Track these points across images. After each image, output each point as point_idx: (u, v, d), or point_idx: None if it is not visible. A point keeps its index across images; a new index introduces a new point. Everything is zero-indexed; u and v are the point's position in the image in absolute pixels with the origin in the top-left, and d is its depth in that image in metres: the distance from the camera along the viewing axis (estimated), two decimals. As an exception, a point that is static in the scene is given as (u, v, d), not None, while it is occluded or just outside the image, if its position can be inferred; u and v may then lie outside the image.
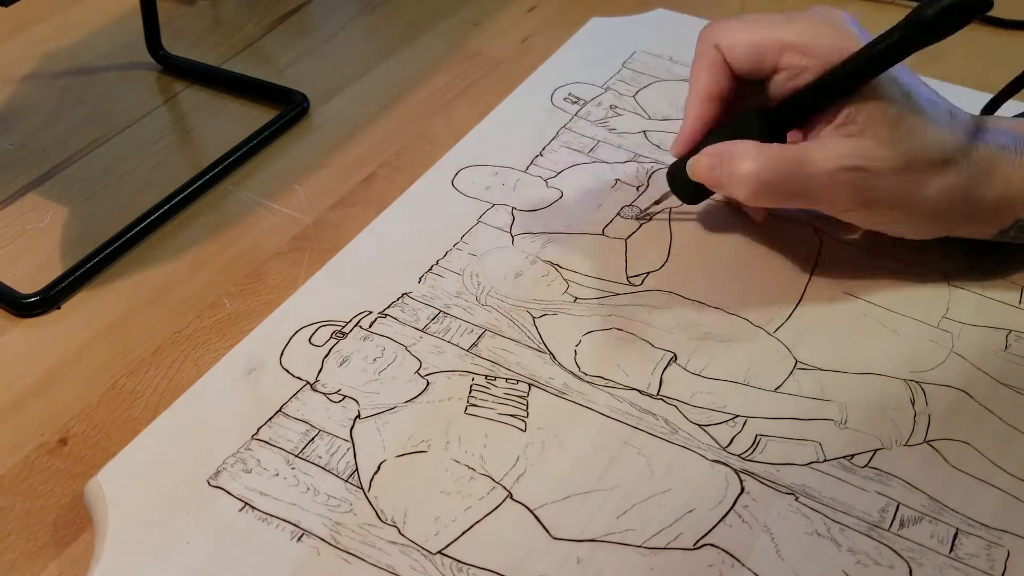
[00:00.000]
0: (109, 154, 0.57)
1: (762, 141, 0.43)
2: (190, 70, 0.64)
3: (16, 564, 0.37)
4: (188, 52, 0.65)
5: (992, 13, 0.64)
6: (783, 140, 0.44)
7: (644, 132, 0.56)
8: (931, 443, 0.40)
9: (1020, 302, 0.46)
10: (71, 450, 0.41)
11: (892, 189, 0.42)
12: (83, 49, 0.66)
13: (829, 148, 0.41)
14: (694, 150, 0.45)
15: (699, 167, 0.44)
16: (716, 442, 0.40)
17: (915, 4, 0.66)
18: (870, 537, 0.36)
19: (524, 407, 0.41)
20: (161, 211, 0.52)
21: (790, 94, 0.43)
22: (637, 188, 0.52)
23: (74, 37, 0.67)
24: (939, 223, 0.44)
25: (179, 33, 0.68)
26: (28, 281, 0.48)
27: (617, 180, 0.52)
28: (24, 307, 0.47)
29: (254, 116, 0.60)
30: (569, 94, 0.59)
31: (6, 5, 0.49)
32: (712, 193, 0.47)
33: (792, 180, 0.42)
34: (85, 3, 0.70)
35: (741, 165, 0.42)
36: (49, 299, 0.47)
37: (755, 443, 0.40)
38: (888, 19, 0.66)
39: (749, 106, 0.45)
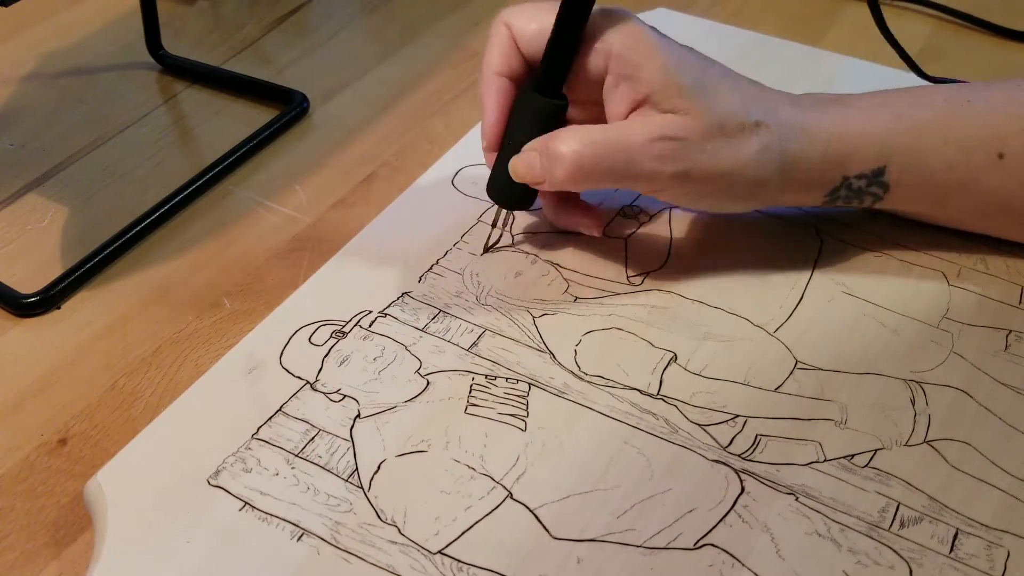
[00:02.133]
0: (109, 154, 0.57)
1: (541, 116, 0.43)
2: (190, 70, 0.64)
3: (16, 564, 0.37)
4: (188, 52, 0.65)
5: (998, 22, 0.65)
6: (563, 109, 0.44)
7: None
8: (931, 443, 0.40)
9: (1020, 302, 0.46)
10: (71, 450, 0.41)
11: (708, 156, 0.42)
12: (83, 49, 0.66)
13: (642, 123, 0.42)
14: (500, 153, 0.45)
15: (520, 165, 0.43)
16: (716, 442, 0.40)
17: (914, 5, 0.67)
18: (870, 537, 0.36)
19: (524, 407, 0.41)
20: (161, 211, 0.52)
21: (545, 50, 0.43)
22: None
23: (74, 37, 0.67)
24: (762, 190, 0.44)
25: (179, 33, 0.68)
26: (28, 281, 0.48)
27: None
28: (24, 307, 0.47)
29: (254, 116, 0.60)
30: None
31: (6, 5, 0.50)
32: (535, 196, 0.46)
33: (611, 156, 0.41)
34: (85, 3, 0.70)
35: (560, 148, 0.41)
36: (49, 299, 0.47)
37: (755, 443, 0.40)
38: (888, 19, 0.66)
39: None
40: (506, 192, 0.45)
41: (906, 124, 0.44)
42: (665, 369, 0.42)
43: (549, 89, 0.43)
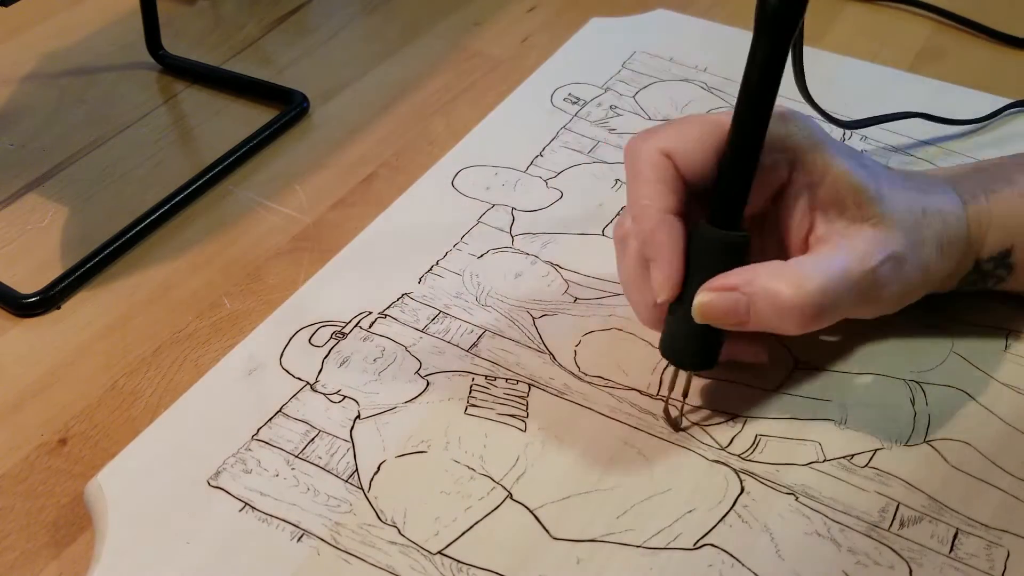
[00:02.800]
0: (109, 154, 0.57)
1: (726, 254, 0.37)
2: (190, 70, 0.64)
3: (16, 564, 0.37)
4: (188, 52, 0.65)
5: (996, 25, 0.64)
6: (747, 243, 0.38)
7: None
8: (931, 443, 0.40)
9: (1021, 303, 0.46)
10: (71, 450, 0.41)
11: (915, 260, 0.38)
12: (83, 49, 0.66)
13: (851, 246, 0.37)
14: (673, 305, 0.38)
15: (714, 308, 0.36)
16: (716, 442, 0.40)
17: (916, 4, 0.67)
18: (870, 537, 0.36)
19: (524, 407, 0.41)
20: (161, 211, 0.52)
21: (716, 175, 0.37)
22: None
23: (74, 37, 0.67)
24: (944, 280, 0.41)
25: (179, 33, 0.67)
26: (28, 281, 0.48)
27: (617, 180, 0.52)
28: (24, 307, 0.47)
29: (254, 116, 0.60)
30: (569, 94, 0.59)
31: (6, 5, 0.49)
32: (720, 348, 0.39)
33: (843, 292, 0.36)
34: (85, 3, 0.70)
35: (782, 292, 0.35)
36: (49, 299, 0.47)
37: (755, 443, 0.40)
38: (886, 20, 0.66)
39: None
40: (690, 350, 0.39)
41: None
42: (665, 369, 0.42)
43: (730, 221, 0.37)
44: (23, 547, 0.38)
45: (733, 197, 0.37)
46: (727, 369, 0.42)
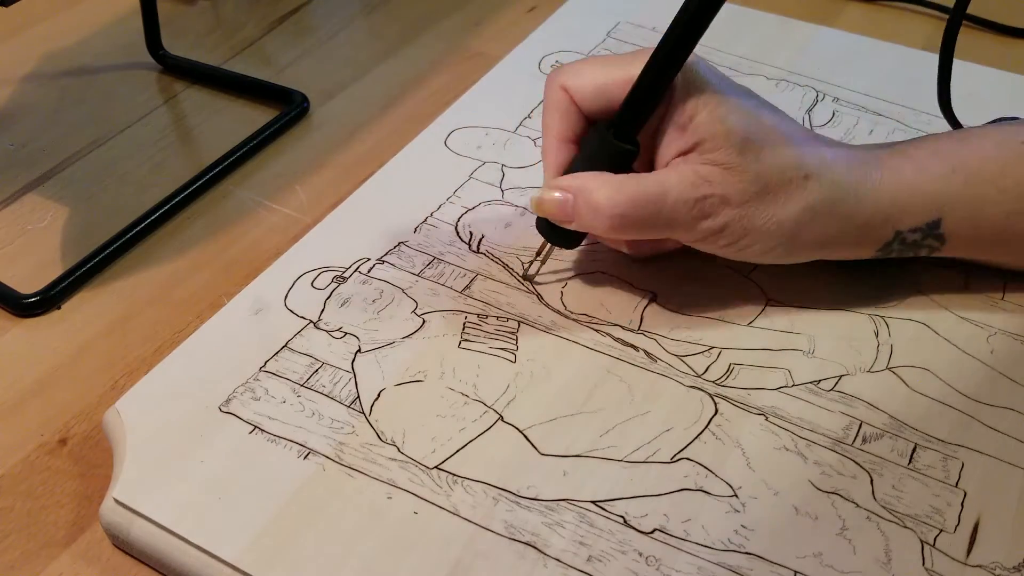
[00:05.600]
0: (109, 154, 0.57)
1: (611, 159, 0.42)
2: (190, 70, 0.64)
3: (16, 564, 0.38)
4: (188, 52, 0.65)
5: (1000, 20, 0.66)
6: (633, 155, 0.42)
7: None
8: (893, 370, 0.43)
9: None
10: (71, 450, 0.41)
11: (745, 213, 0.41)
12: (83, 49, 0.66)
13: (683, 175, 0.40)
14: None
15: (547, 203, 0.42)
16: (692, 370, 0.42)
17: (916, 2, 0.69)
18: (834, 451, 0.39)
19: (514, 341, 0.44)
20: (161, 211, 0.52)
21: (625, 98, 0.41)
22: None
23: (74, 37, 0.67)
24: (808, 244, 0.42)
25: (179, 33, 0.68)
26: (28, 281, 0.48)
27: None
28: (24, 307, 0.47)
29: (254, 116, 0.60)
30: (556, 61, 0.61)
31: (6, 5, 0.50)
32: (585, 235, 0.45)
33: (651, 210, 0.40)
34: (85, 3, 0.70)
35: (598, 199, 0.40)
36: (49, 299, 0.48)
37: (729, 370, 0.42)
38: (887, 20, 0.67)
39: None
40: (556, 229, 0.44)
41: (960, 176, 0.42)
42: (646, 308, 0.45)
43: (625, 133, 0.42)
44: (23, 547, 0.38)
45: (635, 115, 0.41)
46: (704, 307, 0.45)
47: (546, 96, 0.44)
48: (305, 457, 0.39)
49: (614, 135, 0.42)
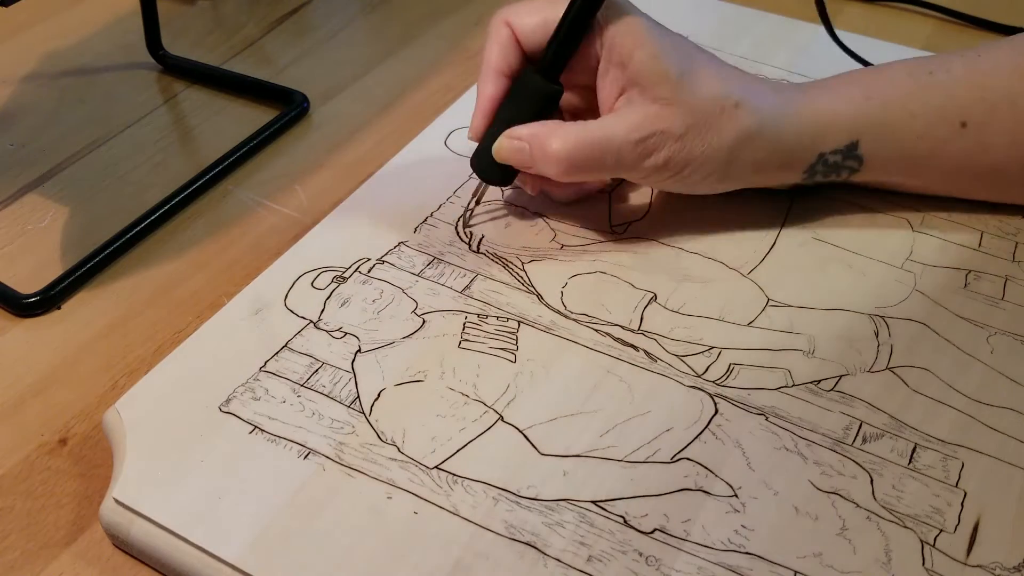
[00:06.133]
0: (109, 154, 0.57)
1: (540, 99, 0.45)
2: (190, 70, 0.64)
3: (16, 564, 0.38)
4: (188, 52, 0.65)
5: (994, 19, 0.66)
6: (558, 95, 0.46)
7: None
8: (893, 370, 0.43)
9: (979, 245, 0.49)
10: (71, 450, 0.41)
11: (686, 144, 0.44)
12: (83, 49, 0.66)
13: (626, 118, 0.44)
14: (491, 128, 0.46)
15: (505, 150, 0.45)
16: (692, 370, 0.42)
17: (916, 3, 0.69)
18: (834, 451, 0.39)
19: (514, 341, 0.44)
20: (161, 211, 0.52)
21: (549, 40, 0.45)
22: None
23: (74, 37, 0.67)
24: (742, 170, 0.46)
25: (179, 33, 0.68)
26: (28, 281, 0.48)
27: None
28: (24, 307, 0.47)
29: (254, 116, 0.60)
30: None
31: (6, 5, 0.50)
32: (517, 172, 0.47)
33: (599, 154, 0.44)
34: (85, 3, 0.71)
35: (551, 144, 0.44)
36: (49, 299, 0.48)
37: (729, 371, 0.42)
38: (886, 20, 0.67)
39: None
40: (491, 168, 0.47)
41: (875, 102, 0.46)
42: (646, 307, 0.45)
43: (550, 74, 0.45)
44: (23, 547, 0.38)
45: (559, 55, 0.45)
46: (704, 307, 0.45)
47: (490, 30, 0.47)
48: (305, 457, 0.39)
49: (542, 76, 0.45)
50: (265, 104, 0.62)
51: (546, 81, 0.45)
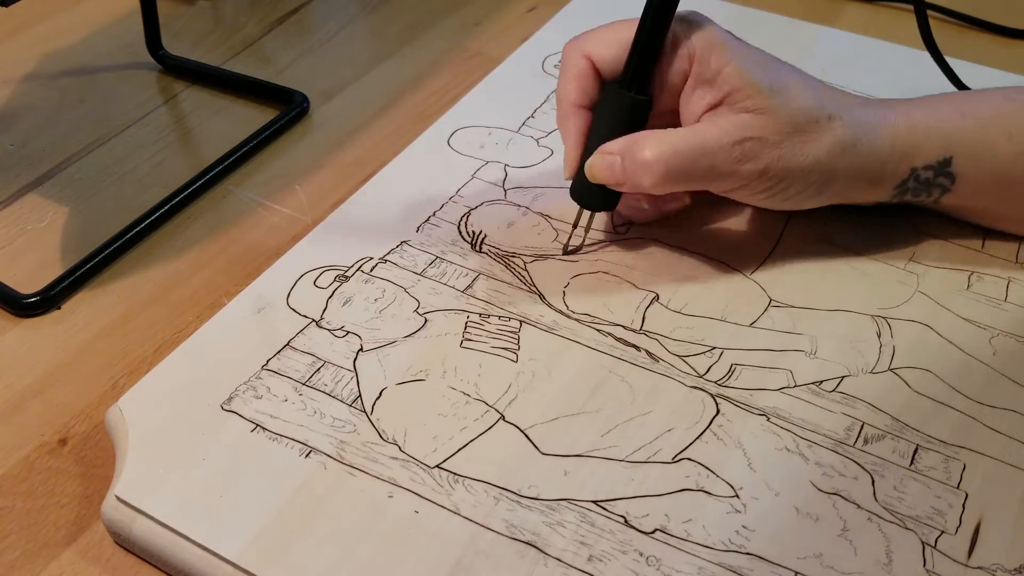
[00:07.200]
0: (109, 154, 0.57)
1: (629, 113, 0.44)
2: (190, 70, 0.64)
3: (16, 564, 0.38)
4: (188, 52, 0.66)
5: (994, 19, 0.66)
6: (648, 106, 0.44)
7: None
8: (895, 371, 0.43)
9: (982, 246, 0.49)
10: (71, 450, 0.42)
11: (784, 153, 0.43)
12: (83, 49, 0.66)
13: (719, 124, 0.43)
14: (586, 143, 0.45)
15: (596, 167, 0.44)
16: (694, 370, 0.42)
17: (913, 5, 0.68)
18: (836, 452, 0.39)
19: (516, 341, 0.44)
20: (161, 211, 0.52)
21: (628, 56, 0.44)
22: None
23: (74, 37, 0.67)
24: (833, 184, 0.45)
25: (179, 33, 0.68)
26: (28, 281, 0.48)
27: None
28: (24, 307, 0.47)
29: (254, 116, 0.60)
30: (559, 61, 0.61)
31: (6, 5, 0.50)
32: (619, 195, 0.46)
33: (693, 160, 0.42)
34: (85, 3, 0.71)
35: (644, 154, 0.42)
36: (49, 299, 0.48)
37: (730, 371, 0.42)
38: (887, 20, 0.67)
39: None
40: (590, 194, 0.46)
41: (970, 120, 0.45)
42: (648, 308, 0.45)
43: (636, 86, 0.44)
44: (23, 547, 0.38)
45: (641, 64, 0.44)
46: (706, 307, 0.45)
47: (565, 64, 0.45)
48: (307, 456, 0.39)
49: (628, 90, 0.44)
50: (265, 104, 0.62)
51: (634, 95, 0.44)
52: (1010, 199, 0.47)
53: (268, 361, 0.43)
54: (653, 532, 0.36)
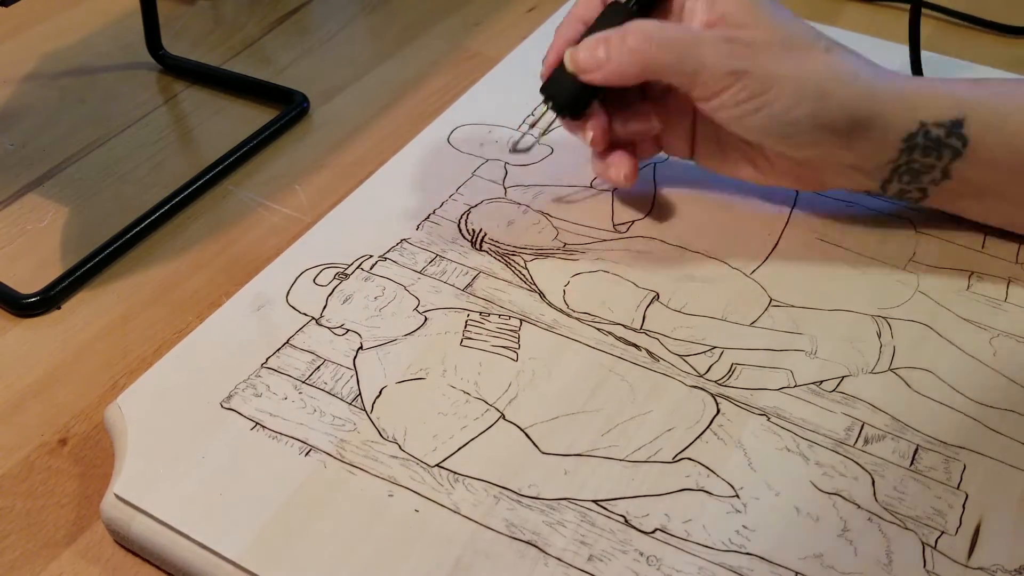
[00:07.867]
0: (109, 154, 0.57)
1: (626, 16, 0.45)
2: (190, 70, 0.64)
3: (16, 564, 0.38)
4: (188, 52, 0.65)
5: (994, 19, 0.66)
6: (631, 6, 0.46)
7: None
8: (895, 371, 0.43)
9: (983, 247, 0.49)
10: (71, 450, 0.42)
11: (774, 57, 0.42)
12: (83, 49, 0.66)
13: (713, 32, 0.43)
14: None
15: (582, 49, 0.44)
16: (694, 370, 0.42)
17: (912, 4, 0.68)
18: (836, 452, 0.39)
19: (516, 340, 0.44)
20: (161, 211, 0.52)
21: None
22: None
23: (74, 37, 0.67)
24: (827, 110, 0.43)
25: (179, 33, 0.68)
26: (28, 281, 0.48)
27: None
28: (24, 307, 0.47)
29: (254, 116, 0.60)
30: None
31: (6, 5, 0.50)
32: (590, 103, 0.47)
33: (680, 52, 0.43)
34: (85, 3, 0.70)
35: (632, 33, 0.43)
36: (49, 299, 0.48)
37: (731, 370, 0.42)
38: (887, 20, 0.67)
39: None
40: (561, 90, 0.46)
41: (984, 88, 0.45)
42: (648, 306, 0.45)
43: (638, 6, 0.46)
44: (23, 547, 0.38)
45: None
46: (707, 306, 0.45)
47: None
48: (306, 454, 0.39)
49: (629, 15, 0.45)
50: (265, 104, 0.62)
51: (624, 4, 0.45)
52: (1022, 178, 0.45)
53: (268, 359, 0.42)
54: (653, 532, 0.36)
